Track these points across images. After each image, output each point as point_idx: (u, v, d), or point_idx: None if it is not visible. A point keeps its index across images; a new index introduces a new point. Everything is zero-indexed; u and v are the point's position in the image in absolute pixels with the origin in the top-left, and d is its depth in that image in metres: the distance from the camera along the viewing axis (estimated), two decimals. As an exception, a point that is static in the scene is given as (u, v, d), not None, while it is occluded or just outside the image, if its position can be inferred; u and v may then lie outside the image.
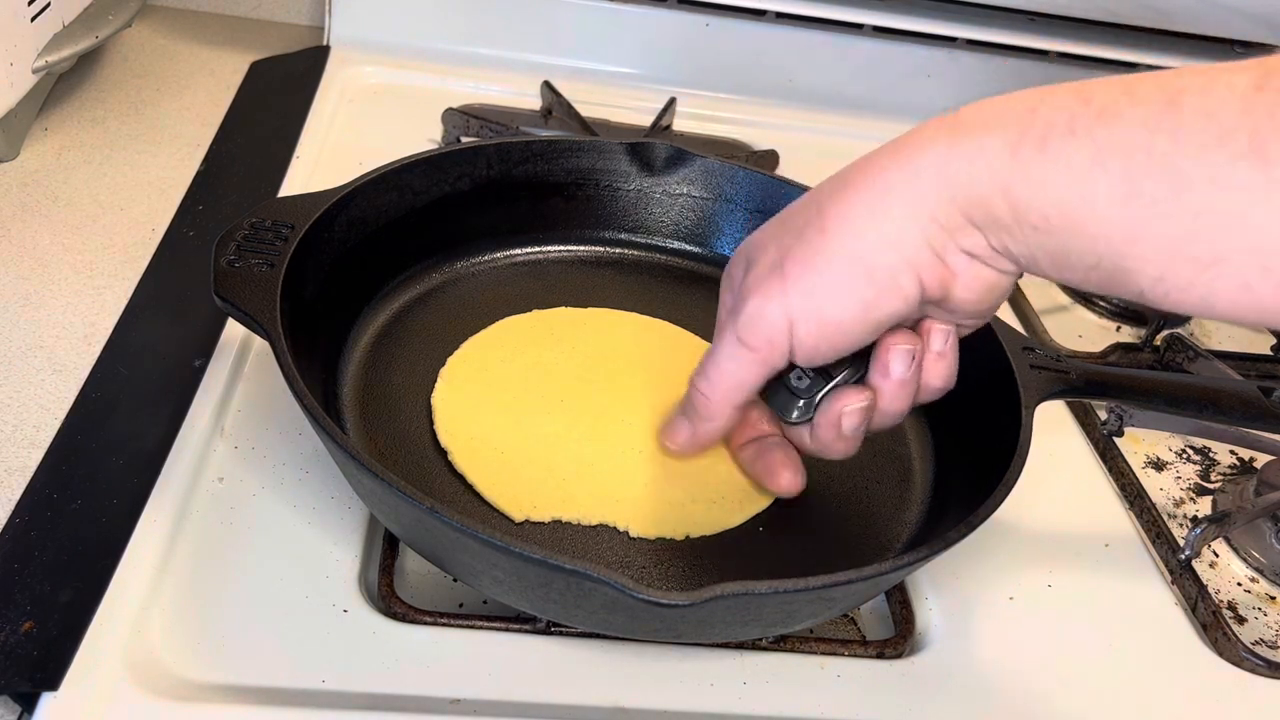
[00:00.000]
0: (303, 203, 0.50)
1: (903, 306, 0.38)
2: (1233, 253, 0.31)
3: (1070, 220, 0.34)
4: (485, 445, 0.48)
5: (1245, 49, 0.93)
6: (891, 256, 0.37)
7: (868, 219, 0.38)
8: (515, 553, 0.36)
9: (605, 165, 0.61)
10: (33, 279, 0.59)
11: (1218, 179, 0.31)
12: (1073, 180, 0.33)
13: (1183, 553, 0.53)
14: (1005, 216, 0.35)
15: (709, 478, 0.48)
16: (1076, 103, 0.34)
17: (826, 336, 0.39)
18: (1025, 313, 0.71)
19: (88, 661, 0.39)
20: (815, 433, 0.44)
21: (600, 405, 0.51)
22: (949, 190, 0.36)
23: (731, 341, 0.41)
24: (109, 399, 0.51)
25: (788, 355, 0.40)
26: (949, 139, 0.36)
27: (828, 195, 0.39)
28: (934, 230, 0.37)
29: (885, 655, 0.46)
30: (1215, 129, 0.31)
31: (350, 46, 0.84)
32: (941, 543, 0.41)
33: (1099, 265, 0.34)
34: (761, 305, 0.40)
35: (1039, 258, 0.36)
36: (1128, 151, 0.32)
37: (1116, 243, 0.33)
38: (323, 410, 0.40)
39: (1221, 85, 0.31)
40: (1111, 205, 0.33)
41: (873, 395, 0.42)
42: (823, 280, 0.38)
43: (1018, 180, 0.35)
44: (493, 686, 0.41)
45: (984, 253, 0.37)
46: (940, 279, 0.38)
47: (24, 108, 0.68)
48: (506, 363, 0.53)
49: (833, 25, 0.88)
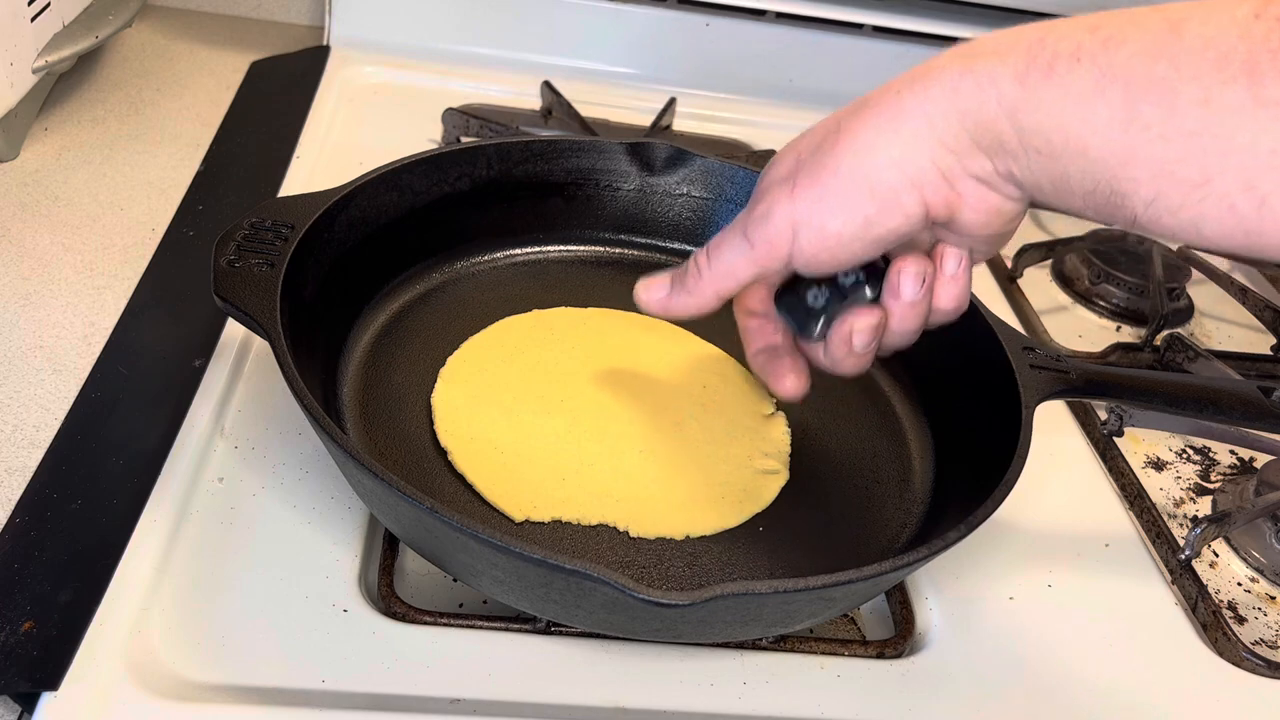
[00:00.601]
0: (303, 203, 0.50)
1: (904, 224, 0.39)
2: (1219, 172, 0.33)
3: (1071, 144, 0.35)
4: (485, 445, 0.48)
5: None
6: (895, 175, 0.38)
7: (877, 138, 0.39)
8: (515, 553, 0.36)
9: (605, 165, 0.61)
10: (33, 279, 0.59)
11: (1210, 100, 0.32)
12: (1075, 105, 0.35)
13: (1183, 553, 0.53)
14: (1011, 141, 0.37)
15: (709, 478, 0.48)
16: (1084, 31, 0.35)
17: (827, 247, 0.40)
18: (1025, 313, 0.70)
19: (88, 661, 0.39)
20: (828, 349, 0.45)
21: (600, 405, 0.51)
22: (958, 115, 0.37)
23: (738, 234, 0.42)
24: (109, 399, 0.51)
25: (786, 260, 0.41)
26: (961, 66, 0.37)
27: (847, 114, 0.41)
28: (942, 153, 0.38)
29: (885, 655, 0.46)
30: (1213, 54, 0.32)
31: (350, 46, 0.84)
32: (941, 543, 0.41)
33: (1096, 190, 0.35)
34: (769, 208, 0.41)
35: (1041, 183, 0.37)
36: (1128, 77, 0.34)
37: (1114, 165, 0.34)
38: (323, 410, 0.40)
39: (1222, 13, 0.33)
40: (1111, 128, 0.34)
41: (884, 315, 0.43)
42: (827, 192, 0.40)
43: (1024, 106, 0.36)
44: (493, 686, 0.41)
45: (990, 177, 0.38)
46: (946, 201, 0.39)
47: (24, 108, 0.68)
48: (506, 363, 0.53)
49: (833, 25, 0.88)
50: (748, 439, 0.51)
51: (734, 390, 0.54)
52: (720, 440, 0.50)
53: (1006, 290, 0.72)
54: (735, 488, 0.48)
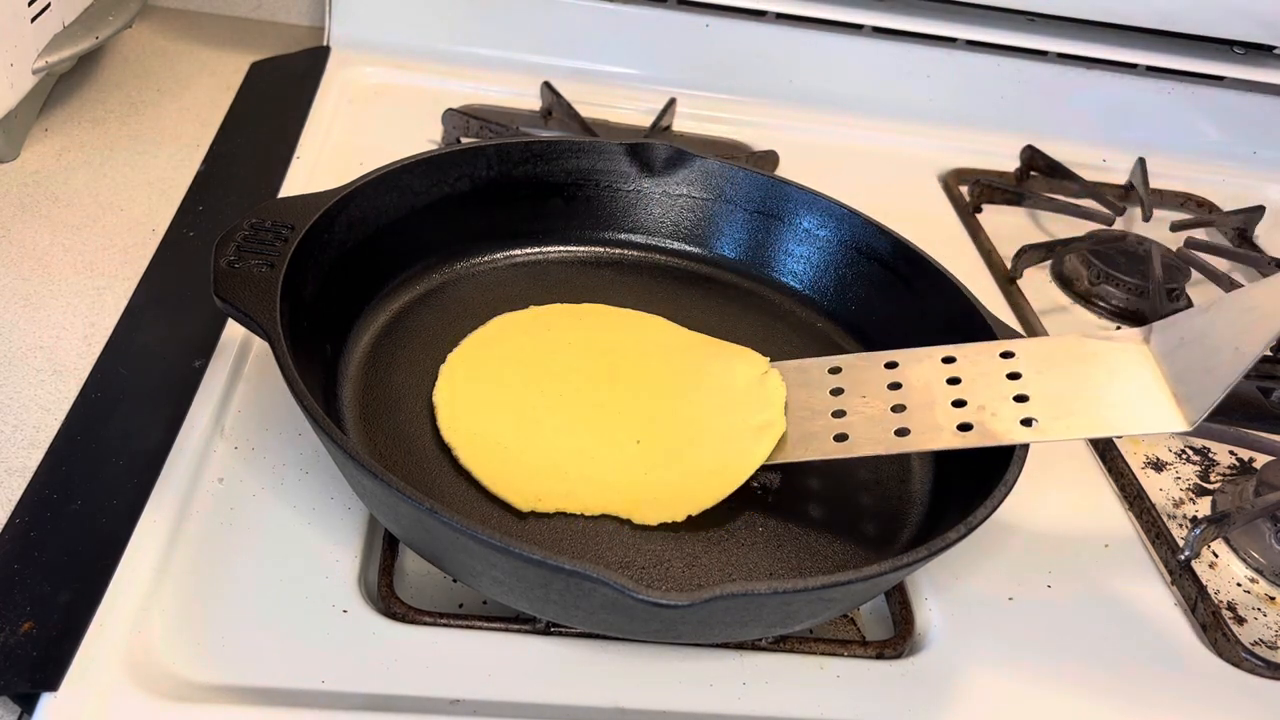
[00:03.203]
0: (303, 203, 0.50)
1: None
2: None
3: None
4: (488, 441, 0.48)
5: (1245, 49, 0.93)
6: None
7: None
8: (514, 553, 0.36)
9: (605, 166, 0.61)
10: (33, 279, 0.59)
11: None
12: None
13: (1182, 553, 0.53)
14: None
15: (705, 452, 0.49)
16: None
17: None
18: (1025, 313, 0.70)
19: (87, 662, 0.39)
20: None
21: (599, 398, 0.51)
22: None
23: None
24: (109, 399, 0.51)
25: None
26: None
27: None
28: None
29: (885, 655, 0.46)
30: None
31: (350, 46, 0.84)
32: (941, 543, 0.41)
33: None
34: None
35: None
36: None
37: None
38: (322, 411, 0.40)
39: None
40: None
41: None
42: None
43: None
44: (492, 686, 0.41)
45: None
46: None
47: (24, 108, 0.68)
48: (505, 359, 0.53)
49: (833, 25, 0.88)
50: (742, 403, 0.51)
51: (724, 365, 0.54)
52: (714, 412, 0.51)
53: (1006, 291, 0.72)
54: (731, 452, 0.48)
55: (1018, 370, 0.48)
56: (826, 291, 0.61)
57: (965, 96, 0.89)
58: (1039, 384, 0.47)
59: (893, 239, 0.58)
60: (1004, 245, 0.76)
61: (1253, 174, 0.93)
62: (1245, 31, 0.91)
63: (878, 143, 0.86)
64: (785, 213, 0.61)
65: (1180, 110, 0.93)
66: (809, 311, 0.61)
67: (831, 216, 0.60)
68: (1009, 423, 0.46)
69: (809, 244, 0.61)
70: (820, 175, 0.64)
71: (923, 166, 0.85)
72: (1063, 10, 0.89)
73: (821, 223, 0.60)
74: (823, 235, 0.60)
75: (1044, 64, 0.91)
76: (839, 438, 0.48)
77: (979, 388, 0.47)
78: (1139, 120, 0.92)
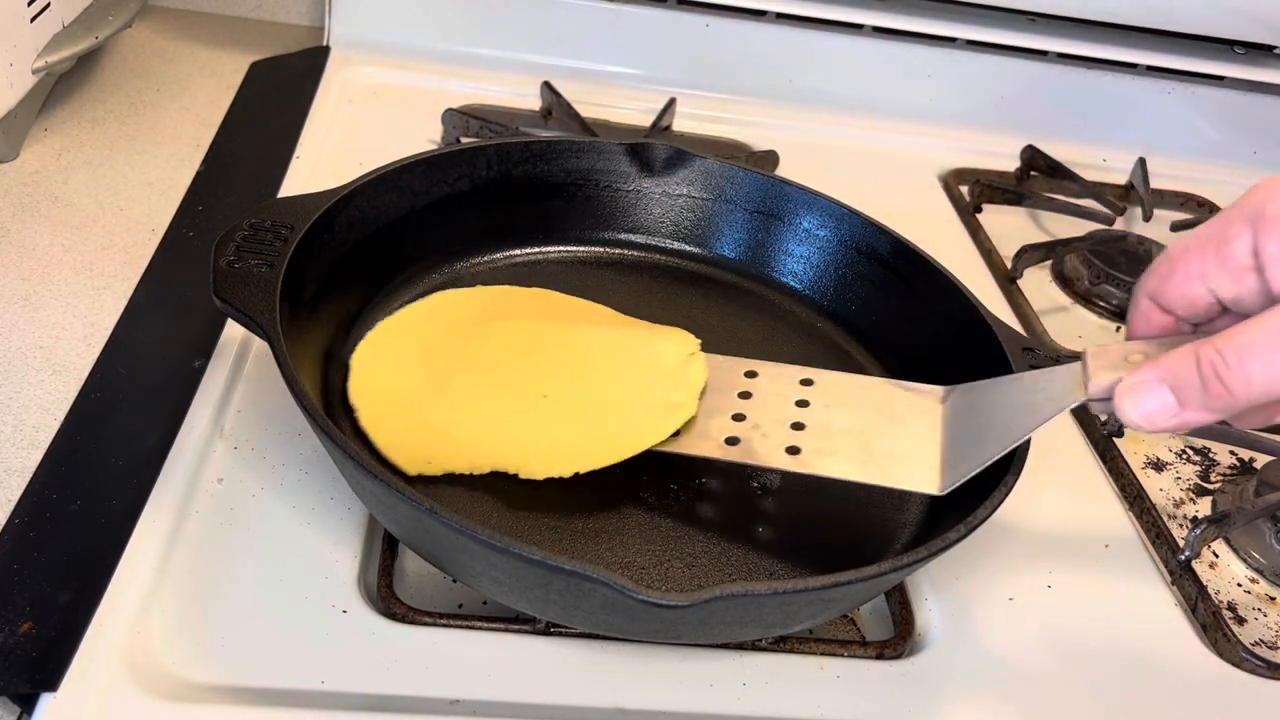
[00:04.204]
0: (303, 203, 0.50)
1: None
2: None
3: None
4: (392, 403, 0.48)
5: (1245, 49, 0.93)
6: None
7: None
8: (514, 553, 0.36)
9: (605, 166, 0.61)
10: (33, 279, 0.59)
11: None
12: None
13: (1183, 553, 0.53)
14: None
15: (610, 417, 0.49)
16: None
17: None
18: (1025, 313, 0.70)
19: (87, 662, 0.39)
20: None
21: (516, 363, 0.51)
22: None
23: None
24: (109, 399, 0.51)
25: None
26: None
27: None
28: None
29: (885, 656, 0.46)
30: None
31: (350, 46, 0.84)
32: (941, 543, 0.41)
33: None
34: None
35: None
36: None
37: None
38: (322, 411, 0.40)
39: None
40: None
41: None
42: None
43: None
44: (492, 687, 0.41)
45: None
46: None
47: (24, 108, 0.68)
48: (433, 329, 0.53)
49: (833, 25, 0.88)
50: (659, 380, 0.51)
51: (650, 343, 0.53)
52: (628, 384, 0.51)
53: (1006, 291, 0.72)
54: (635, 422, 0.48)
55: (808, 399, 0.49)
56: (826, 291, 0.61)
57: (965, 96, 0.89)
58: (821, 417, 0.48)
59: (893, 239, 0.58)
60: (1004, 245, 0.76)
61: (1253, 174, 0.93)
62: (1245, 31, 0.91)
63: (878, 143, 0.86)
64: (785, 213, 0.61)
65: (1180, 110, 0.93)
66: (809, 311, 0.61)
67: (831, 216, 0.60)
68: (774, 446, 0.46)
69: (809, 244, 0.61)
70: (820, 175, 0.64)
71: (923, 166, 0.85)
72: (1063, 10, 0.89)
73: (821, 223, 0.60)
74: (823, 235, 0.60)
75: (1044, 64, 0.91)
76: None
77: (766, 407, 0.48)
78: (1139, 120, 0.92)
